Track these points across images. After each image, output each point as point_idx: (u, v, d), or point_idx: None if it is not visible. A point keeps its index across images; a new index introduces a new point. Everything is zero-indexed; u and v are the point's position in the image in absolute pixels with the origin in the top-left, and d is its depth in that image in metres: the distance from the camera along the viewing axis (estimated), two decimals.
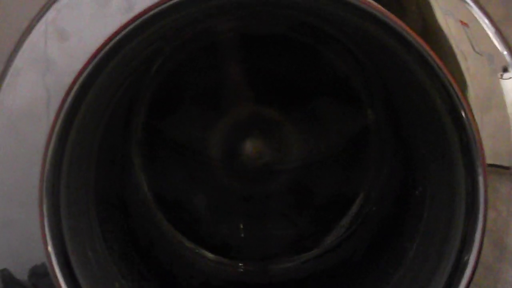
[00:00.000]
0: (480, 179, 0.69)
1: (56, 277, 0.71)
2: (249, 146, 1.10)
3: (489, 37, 0.68)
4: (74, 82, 0.70)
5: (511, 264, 0.70)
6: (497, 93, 0.69)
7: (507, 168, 0.69)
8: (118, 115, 0.96)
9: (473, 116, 0.69)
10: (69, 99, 0.71)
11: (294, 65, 1.08)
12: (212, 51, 1.06)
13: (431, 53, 0.68)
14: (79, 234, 0.77)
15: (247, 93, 1.10)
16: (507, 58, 0.69)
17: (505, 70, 0.69)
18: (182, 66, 1.06)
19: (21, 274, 0.72)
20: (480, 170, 0.69)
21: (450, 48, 0.68)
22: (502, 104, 0.69)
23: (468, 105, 0.68)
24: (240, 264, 1.09)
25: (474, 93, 0.69)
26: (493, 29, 0.68)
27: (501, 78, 0.69)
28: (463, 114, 0.69)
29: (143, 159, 1.09)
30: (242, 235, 1.12)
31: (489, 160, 0.69)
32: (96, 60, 0.70)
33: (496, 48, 0.68)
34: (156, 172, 1.10)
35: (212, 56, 1.07)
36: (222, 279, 1.09)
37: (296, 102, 1.09)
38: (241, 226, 1.13)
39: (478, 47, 0.68)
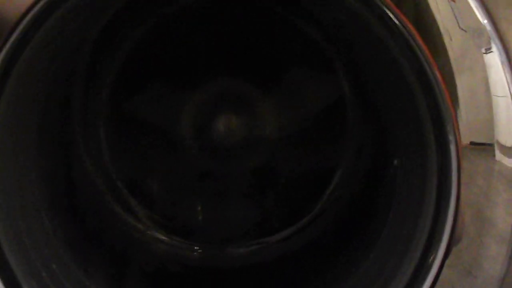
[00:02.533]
0: (452, 148, 0.66)
1: None
2: (220, 122, 1.06)
3: (474, 13, 0.67)
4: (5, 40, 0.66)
5: (492, 237, 0.69)
6: (480, 69, 0.67)
7: (489, 145, 0.68)
8: (59, 91, 0.91)
9: (443, 79, 0.66)
10: None
11: (264, 36, 1.04)
12: (177, 22, 1.02)
13: (395, 10, 0.66)
14: (13, 215, 0.73)
15: (217, 66, 1.06)
16: (491, 33, 0.67)
17: (489, 45, 0.68)
18: (145, 38, 1.02)
19: None
20: (451, 137, 0.66)
21: (436, 26, 0.66)
22: (484, 80, 0.67)
23: (436, 65, 0.66)
24: (197, 248, 1.05)
25: (457, 68, 0.67)
26: (478, 4, 0.67)
27: (485, 53, 0.67)
28: (430, 75, 0.66)
29: (95, 137, 1.04)
30: (201, 217, 1.08)
31: (469, 138, 0.67)
32: (30, 16, 0.65)
33: (481, 24, 0.67)
34: (113, 151, 1.05)
35: (177, 27, 1.03)
36: (179, 264, 1.04)
37: (266, 75, 1.06)
38: (200, 208, 1.08)
39: (464, 23, 0.67)
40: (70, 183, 0.97)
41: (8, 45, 0.65)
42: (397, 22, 0.66)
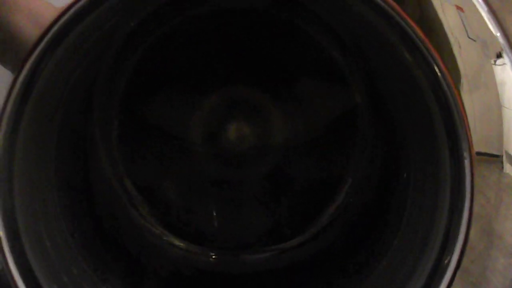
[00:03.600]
0: (466, 163, 0.66)
1: (6, 260, 0.68)
2: (230, 130, 1.07)
3: (484, 23, 0.67)
4: (29, 55, 0.66)
5: (500, 251, 0.69)
6: (489, 79, 0.67)
7: (496, 156, 0.67)
8: (80, 97, 0.92)
9: (459, 94, 0.66)
10: (23, 72, 0.67)
11: (276, 44, 1.05)
12: (191, 29, 1.03)
13: (414, 25, 0.65)
14: (35, 220, 0.74)
15: (229, 74, 1.06)
16: (501, 43, 0.67)
17: (499, 56, 0.67)
18: (158, 45, 1.03)
19: None
20: (466, 154, 0.66)
21: (444, 34, 0.66)
22: (493, 91, 0.67)
23: (453, 81, 0.66)
24: (212, 253, 1.05)
25: (466, 80, 0.66)
26: (488, 15, 0.67)
27: (494, 64, 0.67)
28: (447, 90, 0.66)
29: (112, 142, 1.05)
30: (216, 223, 1.08)
31: (479, 148, 0.67)
32: (52, 33, 0.66)
33: (491, 33, 0.67)
34: (127, 156, 1.06)
35: (191, 35, 1.03)
36: (193, 269, 1.05)
37: (279, 83, 1.06)
38: (215, 214, 1.08)
39: (473, 32, 0.66)
40: (88, 187, 0.98)
41: (37, 50, 0.66)
42: (414, 36, 0.66)
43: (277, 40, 1.04)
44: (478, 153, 0.66)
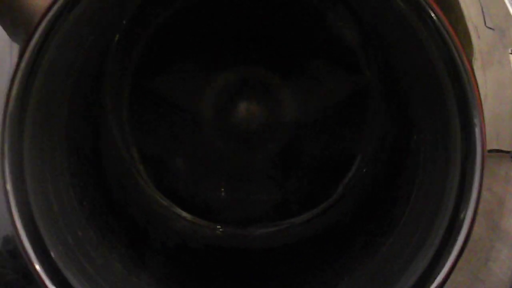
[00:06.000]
0: (477, 131, 0.66)
1: (12, 215, 0.69)
2: (242, 107, 1.07)
3: (504, 11, 0.67)
4: (39, 22, 0.67)
5: (504, 243, 0.70)
6: (504, 57, 0.67)
7: (507, 152, 0.68)
8: (92, 64, 0.92)
9: (472, 69, 0.65)
10: (34, 40, 0.68)
11: (288, 23, 1.05)
12: (206, 6, 1.03)
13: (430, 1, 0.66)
14: (44, 182, 0.75)
15: (241, 52, 1.06)
16: None
17: None
18: (172, 20, 1.03)
19: None
20: (476, 121, 0.66)
21: (463, 21, 0.66)
22: (507, 68, 0.67)
23: (467, 56, 0.65)
24: (219, 227, 1.06)
25: (480, 56, 0.67)
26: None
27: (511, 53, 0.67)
28: (460, 64, 0.66)
29: (122, 112, 1.05)
30: (223, 196, 1.09)
31: (489, 146, 0.67)
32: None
33: (509, 23, 0.67)
34: (137, 127, 1.06)
35: (206, 12, 1.03)
36: (199, 242, 1.05)
37: (291, 62, 1.06)
38: (223, 187, 1.09)
39: (491, 21, 0.66)
40: (98, 156, 0.98)
41: (48, 16, 0.67)
42: (430, 10, 0.66)
43: (289, 19, 1.04)
44: (489, 150, 0.67)
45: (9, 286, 0.71)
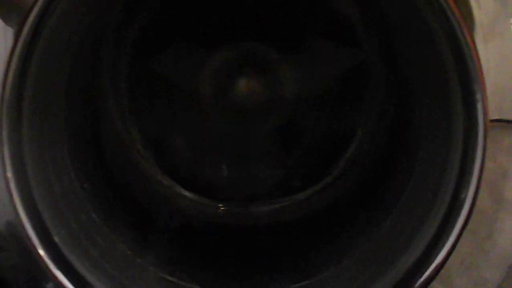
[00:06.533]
0: (479, 106, 0.66)
1: (14, 202, 0.69)
2: (241, 84, 1.07)
3: None
4: (34, 3, 0.67)
5: (509, 213, 0.70)
6: (505, 30, 0.67)
7: (510, 122, 0.68)
8: (89, 45, 0.91)
9: (473, 42, 0.65)
10: (29, 22, 0.67)
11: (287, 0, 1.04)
12: None
13: None
14: (44, 166, 0.75)
15: (240, 30, 1.05)
16: None
17: None
18: (170, 1, 1.03)
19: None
20: (479, 96, 0.66)
21: None
22: (509, 41, 0.67)
23: (468, 29, 0.65)
24: (221, 205, 1.06)
25: (482, 29, 0.66)
26: None
27: None
28: (461, 38, 0.66)
29: (122, 93, 1.05)
30: (225, 174, 1.09)
31: (493, 116, 0.67)
32: None
33: None
34: (137, 107, 1.06)
35: None
36: (202, 221, 1.05)
37: (290, 38, 1.06)
38: (225, 166, 1.09)
39: None
40: (98, 138, 0.99)
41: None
42: None
43: None
44: (492, 120, 0.66)
45: (14, 270, 0.71)
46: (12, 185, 0.69)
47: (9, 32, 0.67)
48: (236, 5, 1.03)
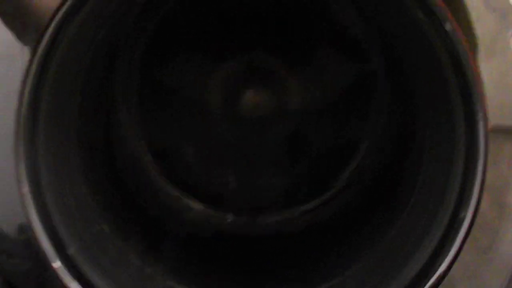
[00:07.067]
0: (480, 125, 0.67)
1: (31, 219, 0.70)
2: (248, 95, 1.08)
3: None
4: (51, 19, 0.69)
5: (511, 221, 0.70)
6: (506, 47, 0.68)
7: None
8: (102, 58, 0.93)
9: (475, 60, 0.66)
10: (45, 38, 0.69)
11: (294, 11, 1.05)
12: None
13: None
14: (59, 180, 0.76)
15: (247, 40, 1.06)
16: None
17: None
18: (178, 9, 1.04)
19: (11, 229, 0.72)
20: (480, 116, 0.67)
21: (463, 4, 0.67)
22: (510, 58, 0.68)
23: (469, 47, 0.66)
24: (229, 216, 1.07)
25: (483, 46, 0.67)
26: None
27: None
28: (463, 55, 0.67)
29: (132, 104, 1.06)
30: (234, 185, 1.10)
31: (494, 121, 0.68)
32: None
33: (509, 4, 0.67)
34: (147, 118, 1.07)
35: (209, 0, 1.04)
36: (211, 231, 1.07)
37: (297, 50, 1.07)
38: (233, 176, 1.10)
39: (493, 3, 0.67)
40: (109, 148, 1.00)
41: (59, 13, 0.68)
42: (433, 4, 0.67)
43: (294, 7, 1.04)
44: (494, 125, 0.67)
45: (25, 275, 0.72)
46: (28, 201, 0.70)
47: (26, 51, 0.69)
48: (244, 17, 1.05)
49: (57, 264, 0.70)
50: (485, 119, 0.67)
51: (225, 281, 0.90)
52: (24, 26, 0.69)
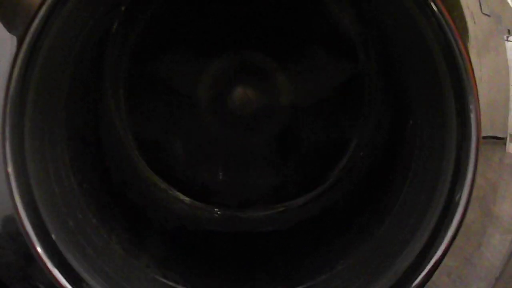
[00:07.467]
0: (472, 116, 0.67)
1: (14, 198, 0.69)
2: (239, 91, 1.07)
3: None
4: (39, 6, 0.68)
5: (497, 228, 0.70)
6: (500, 44, 0.68)
7: (501, 139, 0.69)
8: (91, 47, 0.92)
9: (468, 55, 0.66)
10: (34, 24, 0.69)
11: (286, 9, 1.05)
12: None
13: None
14: (45, 165, 0.76)
15: (238, 38, 1.06)
16: None
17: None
18: (169, 4, 1.04)
19: None
20: (472, 107, 0.67)
21: (459, 7, 0.67)
22: (502, 55, 0.68)
23: (463, 42, 0.66)
24: (216, 210, 1.06)
25: (476, 42, 0.67)
26: None
27: (507, 40, 0.68)
28: (456, 50, 0.67)
29: (120, 95, 1.06)
30: (221, 180, 1.09)
31: (483, 132, 0.68)
32: None
33: (505, 9, 0.68)
34: (135, 110, 1.07)
35: None
36: (197, 225, 1.06)
37: (288, 47, 1.06)
38: (221, 171, 1.10)
39: (488, 7, 0.67)
40: (98, 139, 0.99)
41: (48, 1, 0.68)
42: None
43: (286, 4, 1.04)
44: (484, 137, 0.67)
45: (9, 267, 0.71)
46: (12, 181, 0.69)
47: (15, 40, 0.68)
48: (235, 14, 1.05)
49: (39, 248, 0.70)
50: (477, 111, 0.67)
51: (211, 275, 0.90)
52: (13, 13, 0.69)
